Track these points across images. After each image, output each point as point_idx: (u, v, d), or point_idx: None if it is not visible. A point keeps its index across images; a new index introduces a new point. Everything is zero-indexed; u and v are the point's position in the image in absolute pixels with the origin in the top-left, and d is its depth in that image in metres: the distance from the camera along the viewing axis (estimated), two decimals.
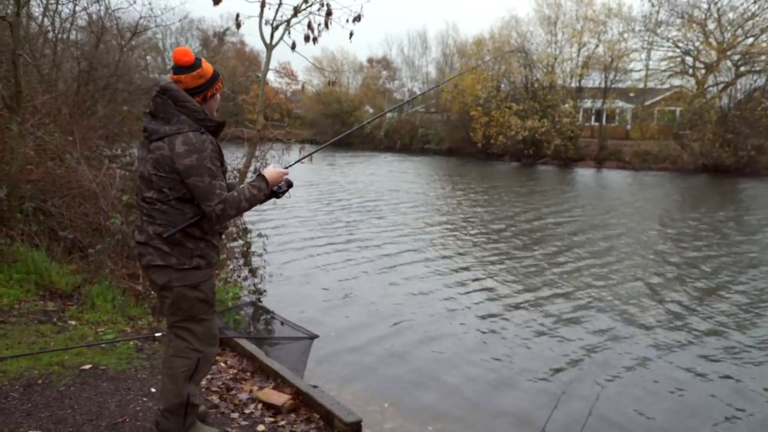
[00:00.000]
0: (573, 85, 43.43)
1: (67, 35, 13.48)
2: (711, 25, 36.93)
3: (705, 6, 36.89)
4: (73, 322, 5.34)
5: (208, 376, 4.35)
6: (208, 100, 3.07)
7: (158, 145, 2.93)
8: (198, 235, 3.03)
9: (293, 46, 8.91)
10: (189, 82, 3.00)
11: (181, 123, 2.93)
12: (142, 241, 3.04)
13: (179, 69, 3.00)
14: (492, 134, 41.49)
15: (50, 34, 12.64)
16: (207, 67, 3.05)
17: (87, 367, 4.38)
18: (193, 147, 2.89)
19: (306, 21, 8.48)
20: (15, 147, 6.73)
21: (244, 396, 4.12)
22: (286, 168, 3.28)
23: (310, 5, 8.50)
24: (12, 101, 6.88)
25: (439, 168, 35.23)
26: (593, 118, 44.14)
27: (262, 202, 3.14)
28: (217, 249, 3.17)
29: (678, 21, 38.25)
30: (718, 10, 36.33)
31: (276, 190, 3.18)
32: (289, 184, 3.24)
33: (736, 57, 36.18)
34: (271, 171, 3.18)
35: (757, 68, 35.79)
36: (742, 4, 36.01)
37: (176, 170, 2.89)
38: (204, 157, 2.89)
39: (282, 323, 6.57)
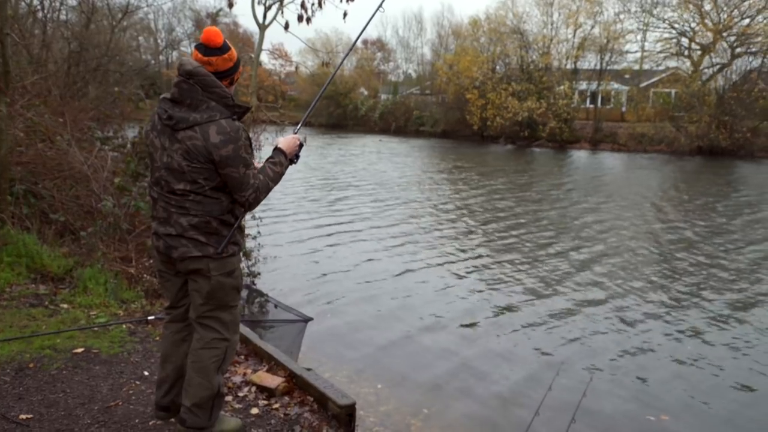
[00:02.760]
0: (569, 66, 43.24)
1: (57, 15, 13.34)
2: (707, 6, 36.80)
3: None
4: (65, 306, 5.30)
5: None
6: (234, 83, 3.00)
7: (189, 135, 2.80)
8: (233, 222, 2.98)
9: (286, 26, 8.83)
10: (220, 65, 2.87)
11: (212, 110, 2.82)
12: (173, 233, 2.93)
13: (210, 50, 2.85)
14: (489, 116, 41.39)
15: (39, 14, 12.49)
16: (234, 51, 2.96)
17: (79, 350, 4.36)
18: (228, 137, 2.79)
19: (299, 0, 8.38)
20: (4, 128, 6.63)
21: (237, 379, 4.10)
22: (295, 132, 3.26)
23: None
24: (0, 81, 6.78)
25: (431, 150, 35.16)
26: (588, 100, 44.04)
27: (283, 175, 3.11)
28: (243, 232, 3.18)
29: (674, 1, 38.10)
30: None
31: (293, 158, 3.17)
32: (300, 146, 3.22)
33: (732, 38, 36.06)
34: (285, 141, 3.15)
35: (753, 49, 35.71)
36: None
37: (212, 161, 2.81)
38: (239, 147, 2.81)
39: (276, 306, 6.58)
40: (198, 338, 3.09)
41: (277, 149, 3.12)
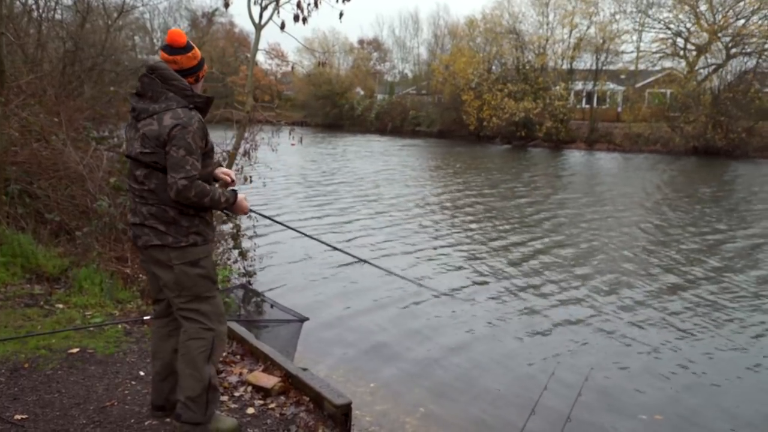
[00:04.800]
0: (564, 67, 43.32)
1: (53, 14, 13.26)
2: (702, 7, 36.88)
3: None
4: (61, 306, 5.29)
5: None
6: (200, 80, 3.16)
7: (146, 122, 2.95)
8: (192, 212, 3.02)
9: (282, 26, 8.80)
10: (185, 63, 3.06)
11: (170, 100, 2.96)
12: (137, 222, 3.04)
13: (175, 50, 3.04)
14: (485, 117, 41.45)
15: (35, 13, 12.43)
16: (197, 50, 3.13)
17: (74, 350, 4.35)
18: (180, 120, 2.90)
19: (295, 0, 8.37)
20: None
21: (233, 379, 4.10)
22: (247, 213, 3.38)
23: None
24: None
25: (421, 150, 35.18)
26: (584, 100, 44.13)
27: (217, 208, 3.13)
28: (212, 226, 3.20)
29: (670, 2, 38.18)
30: None
31: (227, 210, 3.19)
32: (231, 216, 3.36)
33: (727, 39, 36.17)
34: (243, 201, 3.20)
35: (748, 50, 35.81)
36: None
37: (163, 143, 2.90)
38: (187, 132, 2.89)
39: (272, 306, 6.55)
40: (183, 330, 3.14)
41: (234, 193, 3.17)
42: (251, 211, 3.42)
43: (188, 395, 3.07)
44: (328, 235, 11.24)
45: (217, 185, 3.21)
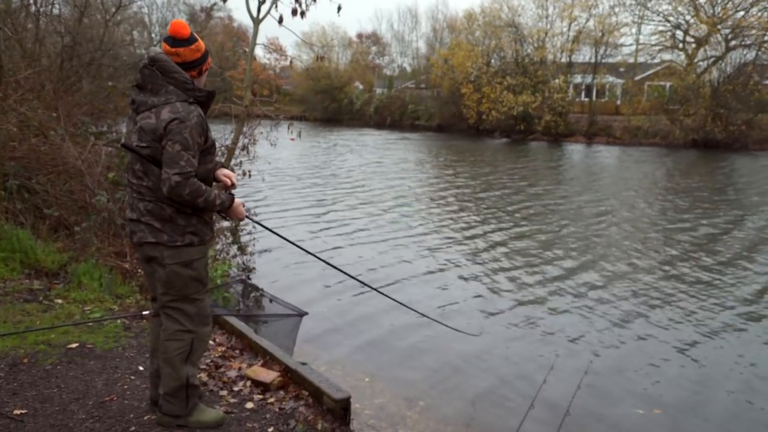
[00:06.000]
0: (564, 60, 43.25)
1: (50, 9, 13.20)
2: None
3: None
4: (60, 301, 5.29)
5: None
6: (203, 74, 3.08)
7: (145, 116, 2.90)
8: (189, 211, 2.98)
9: (280, 20, 8.75)
10: (188, 56, 2.97)
11: (169, 93, 2.90)
12: (134, 218, 3.01)
13: (178, 42, 2.95)
14: (484, 110, 41.40)
15: (32, 8, 12.37)
16: (201, 42, 3.04)
17: (74, 345, 4.35)
18: (178, 115, 2.85)
19: None
20: None
21: (232, 373, 4.10)
22: (243, 220, 3.35)
23: None
24: None
25: (425, 144, 35.14)
26: (583, 93, 44.06)
27: (211, 210, 3.07)
28: (210, 226, 3.14)
29: None
30: None
31: (222, 211, 3.12)
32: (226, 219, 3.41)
33: (727, 31, 36.08)
34: (239, 206, 3.15)
35: (747, 42, 35.72)
36: None
37: (159, 137, 2.85)
38: (185, 127, 2.83)
39: (271, 300, 6.54)
40: (164, 329, 3.13)
41: (232, 197, 3.11)
42: (248, 217, 3.37)
43: (167, 391, 3.14)
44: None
45: (215, 186, 3.17)
